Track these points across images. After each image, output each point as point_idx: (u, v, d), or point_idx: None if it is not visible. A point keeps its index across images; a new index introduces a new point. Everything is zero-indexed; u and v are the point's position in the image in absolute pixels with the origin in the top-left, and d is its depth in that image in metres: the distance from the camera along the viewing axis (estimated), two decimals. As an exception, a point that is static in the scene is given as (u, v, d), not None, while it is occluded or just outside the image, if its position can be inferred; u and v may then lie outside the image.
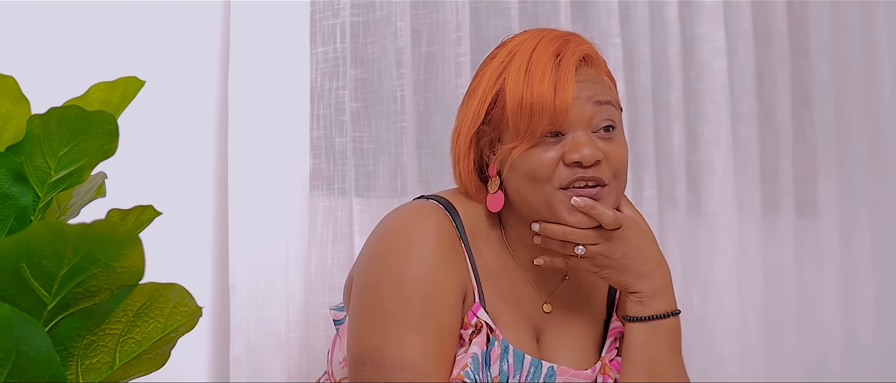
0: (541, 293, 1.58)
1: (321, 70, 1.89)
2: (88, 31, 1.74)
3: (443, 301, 1.45)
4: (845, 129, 2.61)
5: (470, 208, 1.54)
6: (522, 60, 1.47)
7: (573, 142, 1.46)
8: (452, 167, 1.57)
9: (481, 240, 1.54)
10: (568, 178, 1.46)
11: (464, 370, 1.45)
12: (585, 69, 1.48)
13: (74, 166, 1.26)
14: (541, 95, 1.44)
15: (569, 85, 1.45)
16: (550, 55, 1.47)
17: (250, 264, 1.79)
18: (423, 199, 1.56)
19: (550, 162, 1.46)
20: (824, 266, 2.56)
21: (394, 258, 1.46)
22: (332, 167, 1.89)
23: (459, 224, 1.51)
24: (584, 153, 1.45)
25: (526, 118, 1.45)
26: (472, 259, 1.51)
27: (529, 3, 2.12)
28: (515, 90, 1.46)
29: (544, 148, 1.46)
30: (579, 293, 1.61)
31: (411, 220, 1.49)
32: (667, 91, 2.30)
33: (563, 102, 1.44)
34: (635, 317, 1.52)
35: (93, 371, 1.21)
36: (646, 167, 2.24)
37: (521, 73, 1.46)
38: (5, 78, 1.28)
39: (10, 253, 1.09)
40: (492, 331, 1.49)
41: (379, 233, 1.51)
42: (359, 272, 1.52)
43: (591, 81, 1.48)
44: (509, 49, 1.50)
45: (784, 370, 2.45)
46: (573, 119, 1.46)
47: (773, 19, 2.48)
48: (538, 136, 1.45)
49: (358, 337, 1.47)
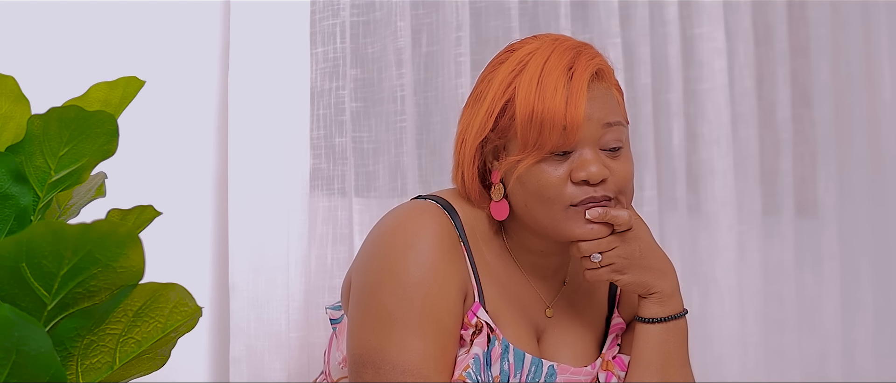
0: (543, 297, 1.58)
1: (321, 70, 1.88)
2: (88, 31, 1.74)
3: (443, 302, 1.45)
4: (845, 129, 2.61)
5: (469, 209, 1.54)
6: (534, 71, 1.45)
7: (580, 159, 1.45)
8: (453, 170, 1.55)
9: (481, 239, 1.54)
10: (578, 198, 1.45)
11: (466, 371, 1.45)
12: (597, 84, 1.47)
13: (74, 166, 1.26)
14: (552, 110, 1.43)
15: (581, 101, 1.44)
16: (563, 68, 1.45)
17: (250, 264, 1.79)
18: (421, 199, 1.56)
19: (558, 180, 1.45)
20: (824, 266, 2.56)
21: (393, 259, 1.45)
22: (332, 167, 1.89)
23: (459, 223, 1.51)
24: (591, 171, 1.44)
25: (535, 132, 1.44)
26: (471, 258, 1.51)
27: (529, 3, 2.12)
28: (526, 102, 1.44)
29: (552, 165, 1.45)
30: (580, 294, 1.61)
31: (410, 221, 1.48)
32: (667, 91, 2.30)
33: (574, 119, 1.43)
34: (654, 319, 1.52)
35: (93, 371, 1.21)
36: (646, 167, 2.24)
37: (534, 85, 1.45)
38: (5, 78, 1.28)
39: (10, 253, 1.09)
40: (492, 331, 1.49)
41: (377, 233, 1.51)
42: (357, 273, 1.51)
43: (602, 99, 1.47)
44: (520, 57, 1.48)
45: (784, 370, 2.45)
46: (583, 136, 1.45)
47: (773, 19, 2.48)
48: (546, 151, 1.44)
49: (358, 340, 1.46)
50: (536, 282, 1.57)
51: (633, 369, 1.53)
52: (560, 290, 1.59)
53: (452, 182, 1.57)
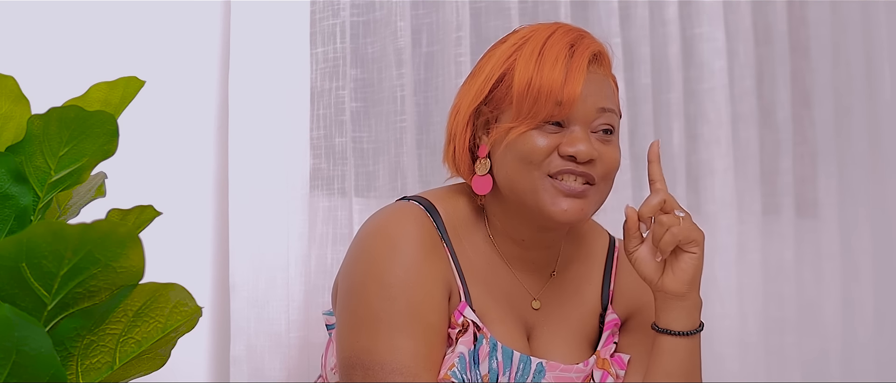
0: (528, 289, 1.58)
1: (321, 70, 1.89)
2: (88, 31, 1.74)
3: (428, 301, 1.45)
4: (845, 129, 2.61)
5: (451, 207, 1.54)
6: (536, 44, 1.48)
7: (571, 135, 1.47)
8: (445, 146, 1.56)
9: (464, 237, 1.54)
10: (558, 167, 1.46)
11: (451, 370, 1.45)
12: (595, 68, 1.50)
13: (74, 166, 1.26)
14: (550, 80, 1.45)
15: (579, 76, 1.46)
16: (565, 44, 1.48)
17: (250, 264, 1.79)
18: (404, 201, 1.56)
19: (545, 148, 1.46)
20: (824, 266, 2.56)
21: (376, 261, 1.46)
22: (332, 167, 1.89)
23: (440, 224, 1.52)
24: (580, 148, 1.45)
25: (531, 100, 1.45)
26: (454, 258, 1.51)
27: (529, 3, 2.12)
28: (525, 71, 1.46)
29: (542, 134, 1.47)
30: (568, 289, 1.61)
31: (391, 223, 1.49)
32: (667, 91, 2.30)
33: (570, 92, 1.45)
34: (681, 332, 1.50)
35: (93, 371, 1.21)
36: (646, 167, 2.24)
37: (534, 56, 1.47)
38: (5, 78, 1.28)
39: (10, 253, 1.09)
40: (479, 330, 1.49)
41: (360, 237, 1.52)
42: (343, 277, 1.52)
43: (599, 84, 1.49)
44: (523, 35, 1.52)
45: (784, 370, 2.45)
46: (576, 113, 1.46)
47: (773, 19, 2.48)
48: (539, 121, 1.46)
49: (347, 342, 1.47)
50: (523, 276, 1.57)
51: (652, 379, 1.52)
52: (547, 282, 1.59)
53: (443, 161, 1.58)
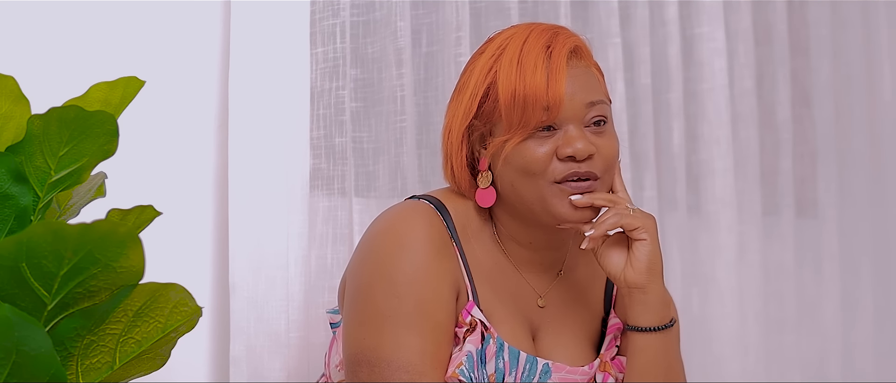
0: (535, 290, 1.58)
1: (321, 70, 1.89)
2: (88, 31, 1.74)
3: (436, 300, 1.45)
4: (845, 129, 2.61)
5: (461, 207, 1.55)
6: (513, 53, 1.48)
7: (566, 136, 1.47)
8: (443, 164, 1.57)
9: (473, 238, 1.54)
10: (562, 173, 1.46)
11: (458, 368, 1.45)
12: (575, 62, 1.50)
13: (74, 166, 1.26)
14: (534, 87, 1.45)
15: (560, 76, 1.46)
16: (541, 47, 1.48)
17: (250, 264, 1.79)
18: (413, 199, 1.56)
19: (544, 156, 1.46)
20: (824, 266, 2.56)
21: (385, 259, 1.46)
22: (332, 167, 1.89)
23: (450, 223, 1.52)
24: (578, 147, 1.45)
25: (519, 110, 1.46)
26: (463, 258, 1.52)
27: (529, 3, 2.12)
28: (508, 82, 1.47)
29: (537, 142, 1.47)
30: (574, 290, 1.61)
31: (401, 221, 1.49)
32: (667, 91, 2.30)
33: (555, 94, 1.45)
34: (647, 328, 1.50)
35: (93, 371, 1.21)
36: (646, 167, 2.24)
37: (513, 66, 1.47)
38: (5, 78, 1.28)
39: (10, 253, 1.09)
40: (487, 329, 1.49)
41: (369, 235, 1.51)
42: (351, 275, 1.52)
43: (582, 78, 1.49)
44: (499, 43, 1.51)
45: (784, 370, 2.45)
46: (566, 113, 1.47)
47: (773, 19, 2.48)
48: (531, 129, 1.46)
49: (353, 340, 1.47)
50: (530, 276, 1.57)
51: (630, 379, 1.52)
52: (553, 282, 1.59)
53: (444, 178, 1.58)
